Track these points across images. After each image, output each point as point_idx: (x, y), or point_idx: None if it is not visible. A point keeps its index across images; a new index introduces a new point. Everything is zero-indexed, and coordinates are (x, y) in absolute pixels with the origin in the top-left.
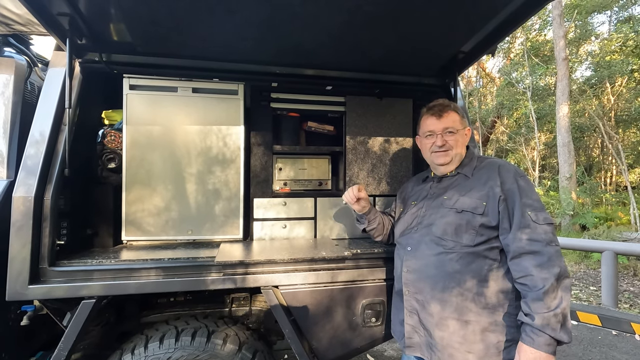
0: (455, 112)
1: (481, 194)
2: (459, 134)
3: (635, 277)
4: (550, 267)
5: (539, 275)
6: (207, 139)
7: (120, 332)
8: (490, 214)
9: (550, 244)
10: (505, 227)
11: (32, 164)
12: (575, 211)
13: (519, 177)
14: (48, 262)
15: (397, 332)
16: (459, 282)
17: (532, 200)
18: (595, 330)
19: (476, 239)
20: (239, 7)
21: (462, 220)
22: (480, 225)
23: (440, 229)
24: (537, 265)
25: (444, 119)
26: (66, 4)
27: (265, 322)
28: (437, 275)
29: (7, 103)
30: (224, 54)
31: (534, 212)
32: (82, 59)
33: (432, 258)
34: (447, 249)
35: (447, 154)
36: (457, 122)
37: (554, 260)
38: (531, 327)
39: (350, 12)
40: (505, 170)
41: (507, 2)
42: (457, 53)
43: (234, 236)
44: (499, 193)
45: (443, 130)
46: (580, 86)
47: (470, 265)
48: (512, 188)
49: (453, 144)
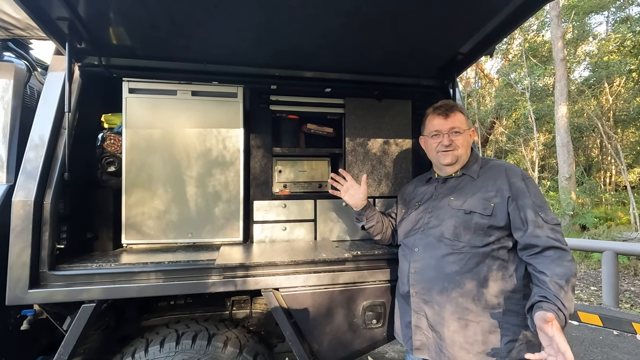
0: (461, 112)
1: (489, 195)
2: (465, 134)
3: (635, 276)
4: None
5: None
6: (207, 142)
7: (121, 336)
8: (499, 215)
9: (563, 243)
10: (519, 226)
11: (31, 168)
12: (575, 211)
13: (526, 179)
14: (48, 266)
15: (403, 334)
16: (467, 283)
17: (541, 202)
18: (597, 330)
19: (485, 239)
20: (237, 10)
21: (470, 221)
22: (489, 226)
23: (449, 230)
24: (557, 257)
25: (450, 118)
26: (66, 8)
27: (265, 324)
28: (445, 276)
29: (6, 107)
30: (223, 57)
31: (544, 214)
32: (82, 62)
33: (440, 259)
34: (456, 250)
35: (453, 154)
36: (463, 123)
37: (570, 258)
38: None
39: (349, 14)
40: (512, 172)
41: (505, 4)
42: (456, 54)
43: (234, 239)
44: (507, 194)
45: (450, 130)
46: (578, 86)
47: (478, 265)
48: (522, 188)
49: (459, 144)
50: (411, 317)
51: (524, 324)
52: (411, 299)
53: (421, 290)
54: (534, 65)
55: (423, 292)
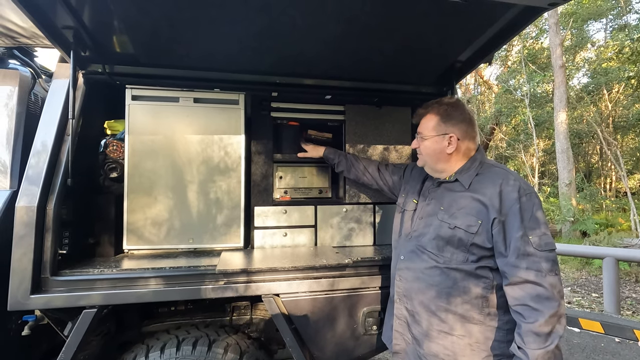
0: (437, 114)
1: (477, 210)
2: (431, 140)
3: (637, 283)
4: (548, 301)
5: (535, 306)
6: (208, 149)
7: (121, 341)
8: (484, 235)
9: (550, 272)
10: (501, 250)
11: (35, 174)
12: (576, 217)
13: (524, 196)
14: (50, 271)
15: (387, 337)
16: (449, 297)
17: (536, 223)
18: (598, 337)
19: (468, 256)
20: (239, 18)
21: (454, 236)
22: (472, 244)
23: (432, 243)
24: (535, 296)
25: (420, 121)
26: (71, 17)
27: (266, 330)
28: (427, 288)
29: (11, 114)
30: (225, 64)
31: (537, 237)
32: (86, 70)
33: (423, 270)
34: (438, 264)
35: (420, 157)
36: (429, 128)
37: (553, 292)
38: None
39: (349, 22)
40: (508, 187)
41: (504, 12)
42: (455, 62)
43: (234, 244)
44: (495, 214)
45: (418, 134)
46: (577, 93)
47: (461, 281)
48: (514, 209)
49: (421, 150)
50: (393, 321)
51: (505, 339)
52: (395, 305)
53: (404, 298)
54: (533, 72)
55: (406, 301)
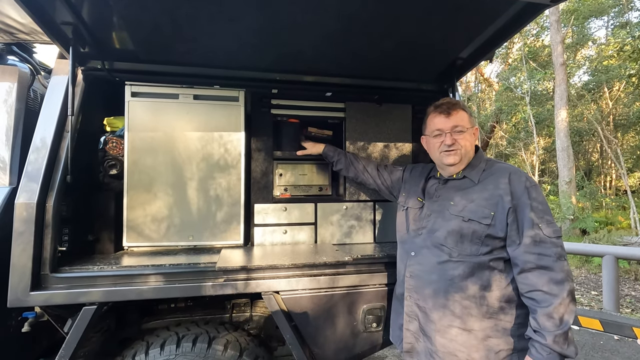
0: (464, 110)
1: (490, 202)
2: (468, 132)
3: (636, 281)
4: (561, 284)
5: (549, 291)
6: (208, 146)
7: (121, 338)
8: (498, 225)
9: (560, 258)
10: (514, 239)
11: (34, 171)
12: (576, 215)
13: (531, 187)
14: (50, 268)
15: (396, 337)
16: (462, 290)
17: (543, 212)
18: (597, 335)
19: (481, 249)
20: (239, 15)
21: (468, 229)
22: (487, 235)
23: (445, 237)
24: (548, 280)
25: (452, 116)
26: (70, 13)
27: (266, 327)
28: (440, 282)
29: (10, 110)
30: (225, 61)
31: (545, 225)
32: (85, 66)
33: (436, 265)
34: (451, 257)
35: (456, 153)
36: (465, 121)
37: (565, 276)
38: (541, 345)
39: (349, 18)
40: (516, 178)
41: (505, 9)
42: (456, 59)
43: (234, 242)
44: (508, 204)
45: (452, 129)
46: (578, 91)
47: (474, 274)
48: (523, 199)
49: (463, 143)
50: (404, 321)
51: (517, 333)
52: (405, 302)
53: (415, 294)
54: (533, 70)
55: (417, 297)
